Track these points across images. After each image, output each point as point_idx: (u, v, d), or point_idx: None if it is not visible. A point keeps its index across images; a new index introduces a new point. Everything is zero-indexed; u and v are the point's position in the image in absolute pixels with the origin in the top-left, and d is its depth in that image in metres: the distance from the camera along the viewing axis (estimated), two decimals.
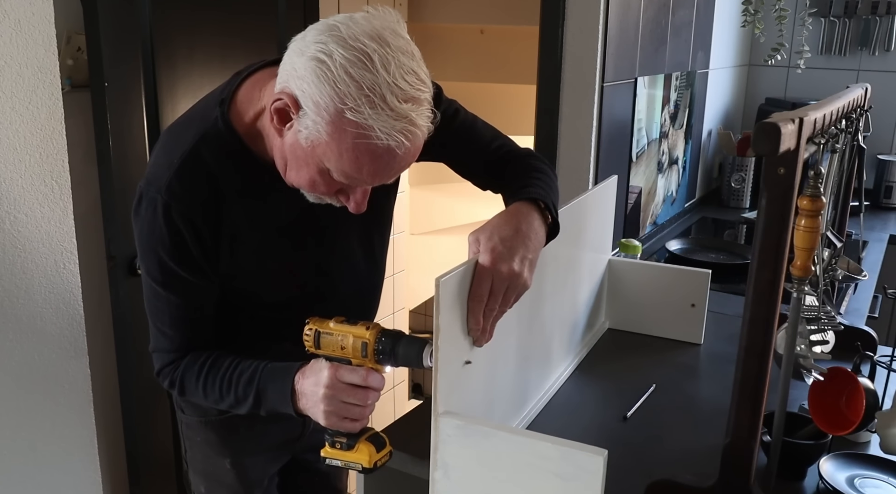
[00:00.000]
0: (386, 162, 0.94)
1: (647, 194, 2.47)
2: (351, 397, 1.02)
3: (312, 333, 1.05)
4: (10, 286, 1.20)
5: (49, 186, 1.24)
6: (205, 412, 1.26)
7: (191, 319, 1.12)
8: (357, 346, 1.03)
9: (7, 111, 1.15)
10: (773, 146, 0.86)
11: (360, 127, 0.90)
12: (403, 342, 1.01)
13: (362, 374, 1.01)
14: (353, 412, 1.03)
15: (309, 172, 0.99)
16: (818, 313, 1.17)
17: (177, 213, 1.03)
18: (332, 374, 1.01)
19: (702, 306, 1.63)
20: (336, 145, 0.93)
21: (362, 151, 0.93)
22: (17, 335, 1.22)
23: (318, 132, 0.93)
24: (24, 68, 1.17)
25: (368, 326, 1.03)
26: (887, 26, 3.08)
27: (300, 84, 0.92)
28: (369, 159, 0.94)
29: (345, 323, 1.04)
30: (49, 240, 1.25)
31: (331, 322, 1.05)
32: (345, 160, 0.94)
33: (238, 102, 1.07)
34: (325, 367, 1.02)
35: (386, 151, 0.93)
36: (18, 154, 1.18)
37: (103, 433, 1.41)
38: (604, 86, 2.01)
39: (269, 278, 1.15)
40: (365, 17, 0.94)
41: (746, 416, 0.99)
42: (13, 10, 1.14)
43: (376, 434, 1.09)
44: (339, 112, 0.90)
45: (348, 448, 1.07)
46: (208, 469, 1.31)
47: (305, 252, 1.17)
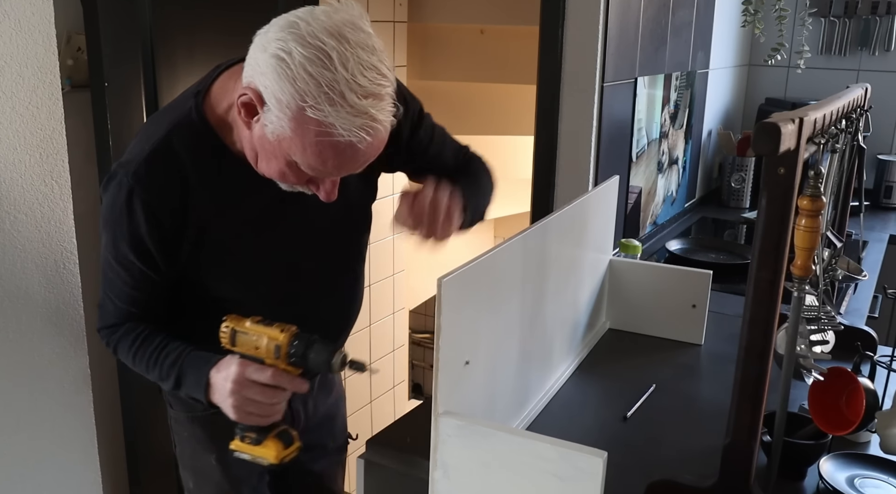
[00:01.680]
0: (349, 156, 0.97)
1: (647, 193, 2.47)
2: (258, 395, 1.04)
3: (228, 331, 1.07)
4: (10, 286, 1.20)
5: (49, 186, 1.24)
6: (192, 407, 1.28)
7: (137, 298, 1.15)
8: (270, 347, 1.04)
9: (7, 111, 1.15)
10: (773, 146, 0.86)
11: (321, 124, 0.93)
12: (315, 347, 1.03)
13: (269, 374, 1.04)
14: (258, 409, 1.05)
15: (278, 164, 1.01)
16: (818, 313, 1.17)
17: (138, 199, 1.05)
18: (240, 371, 1.04)
19: (703, 306, 1.63)
20: (300, 140, 0.95)
21: (325, 147, 0.95)
22: (17, 335, 1.22)
23: (281, 127, 0.95)
24: (24, 68, 1.16)
25: (284, 329, 1.04)
26: (887, 26, 3.08)
27: (263, 80, 0.95)
28: (333, 154, 0.96)
29: (261, 324, 1.06)
30: (49, 240, 1.25)
31: (247, 322, 1.07)
32: (309, 154, 0.96)
33: (213, 93, 1.10)
34: (235, 363, 1.05)
35: (348, 147, 0.95)
36: (18, 154, 1.18)
37: (103, 433, 1.42)
38: (604, 86, 2.01)
39: (239, 272, 1.16)
40: (326, 11, 0.95)
41: (746, 416, 0.99)
42: (13, 10, 1.14)
43: (286, 430, 1.11)
44: (300, 109, 0.93)
45: (256, 442, 1.09)
46: (196, 464, 1.32)
47: (276, 246, 1.18)
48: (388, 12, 2.80)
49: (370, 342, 2.91)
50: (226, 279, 1.16)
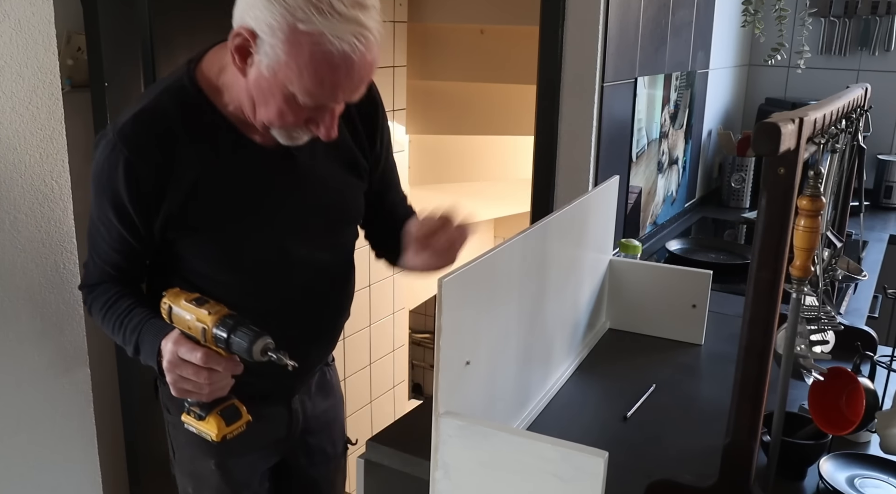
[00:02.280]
0: (345, 71, 0.99)
1: (647, 193, 2.47)
2: (191, 374, 1.03)
3: (166, 307, 1.06)
4: (10, 286, 1.20)
5: (49, 186, 1.24)
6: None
7: (115, 260, 1.16)
8: (198, 329, 1.03)
9: (7, 111, 1.15)
10: (773, 146, 0.86)
11: (313, 37, 0.96)
12: (238, 332, 1.01)
13: (199, 355, 1.02)
14: (194, 387, 1.04)
15: (276, 103, 1.03)
16: (818, 313, 1.17)
17: (122, 156, 1.06)
18: (174, 350, 1.04)
19: (703, 306, 1.63)
20: (295, 62, 0.98)
21: (320, 62, 0.97)
22: (17, 335, 1.22)
23: (276, 55, 0.98)
24: (24, 68, 1.16)
25: (213, 311, 1.02)
26: (887, 26, 3.08)
27: (253, 13, 0.98)
28: (328, 70, 0.98)
29: (194, 302, 1.04)
30: (49, 240, 1.25)
31: (183, 299, 1.05)
32: (306, 77, 0.99)
33: (205, 62, 1.13)
34: (171, 340, 1.04)
35: (342, 59, 0.98)
36: (18, 154, 1.18)
37: (103, 433, 1.41)
38: (604, 86, 2.01)
39: (227, 242, 1.15)
40: None
41: (746, 416, 0.99)
42: (13, 10, 1.14)
43: (233, 405, 1.08)
44: (291, 27, 0.96)
45: (199, 418, 1.08)
46: (195, 469, 1.31)
47: (266, 216, 1.17)
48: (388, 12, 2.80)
49: (370, 341, 2.91)
50: (212, 251, 1.15)
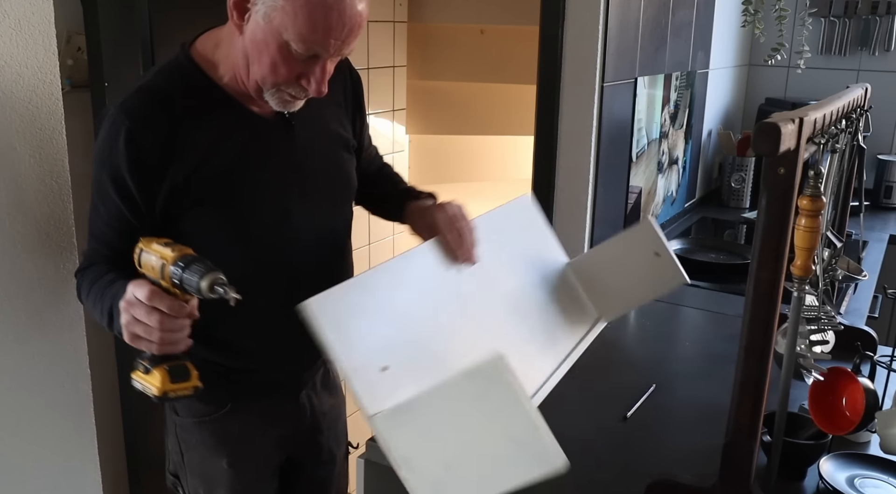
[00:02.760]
0: (337, 13, 1.04)
1: (647, 193, 2.47)
2: (141, 315, 1.01)
3: (138, 251, 1.05)
4: (10, 286, 1.20)
5: (49, 186, 1.23)
6: (198, 412, 1.27)
7: (112, 239, 1.15)
8: (157, 267, 1.01)
9: (7, 111, 1.15)
10: (773, 146, 0.86)
11: None
12: (192, 268, 0.99)
13: (146, 291, 1.00)
14: (144, 332, 1.02)
15: (269, 55, 1.07)
16: (818, 313, 1.17)
17: (124, 129, 1.09)
18: (130, 288, 1.02)
19: (665, 250, 1.58)
20: (291, 5, 1.03)
21: (315, 4, 1.03)
22: (16, 335, 1.22)
23: (273, 1, 1.03)
24: (24, 68, 1.16)
25: (176, 249, 1.01)
26: (887, 26, 3.08)
27: None
28: (321, 11, 1.03)
29: (164, 245, 1.02)
30: (49, 240, 1.25)
31: (154, 243, 1.03)
32: (300, 19, 1.03)
33: (199, 42, 1.19)
34: (133, 283, 1.02)
35: (336, 0, 1.03)
36: (18, 154, 1.18)
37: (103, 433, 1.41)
38: (604, 86, 2.01)
39: (234, 206, 1.16)
40: None
41: (746, 416, 0.99)
42: (13, 10, 1.13)
43: (183, 365, 1.06)
44: None
45: (146, 371, 1.05)
46: (206, 470, 1.30)
47: (266, 187, 1.19)
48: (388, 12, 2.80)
49: None
50: (217, 224, 1.16)
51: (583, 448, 1.26)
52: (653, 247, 1.56)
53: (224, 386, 1.25)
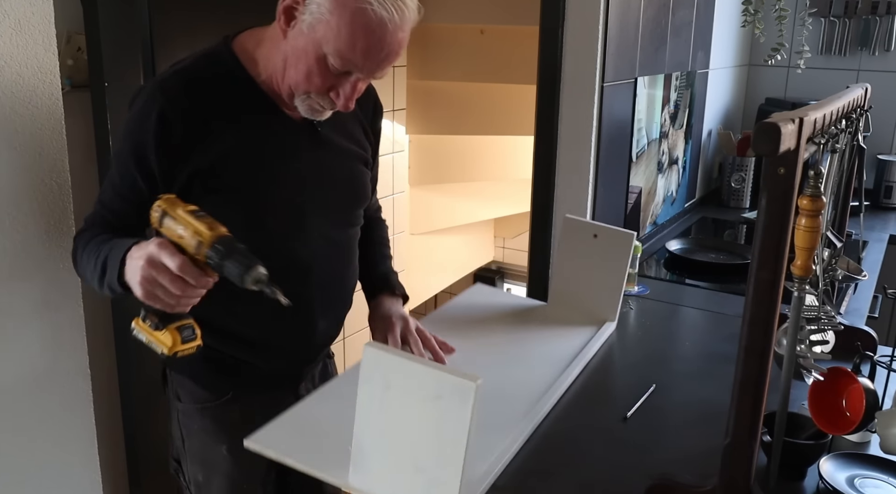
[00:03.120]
0: (378, 37, 1.08)
1: (647, 193, 2.47)
2: (165, 280, 1.01)
3: (159, 212, 1.04)
4: (10, 286, 1.20)
5: (49, 186, 1.24)
6: (200, 398, 1.30)
7: (116, 207, 1.18)
8: (192, 242, 1.00)
9: (7, 111, 1.15)
10: (773, 146, 0.86)
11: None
12: (235, 257, 0.99)
13: (178, 262, 1.00)
14: (164, 295, 1.02)
15: (306, 63, 1.11)
16: (818, 313, 1.17)
17: (158, 105, 1.12)
18: (156, 250, 1.01)
19: (598, 228, 1.65)
20: (336, 20, 1.07)
21: (358, 24, 1.07)
22: (16, 335, 1.22)
23: (320, 13, 1.07)
24: (24, 68, 1.16)
25: (213, 227, 1.01)
26: (887, 26, 3.08)
27: None
28: (363, 33, 1.07)
29: (193, 215, 1.02)
30: (49, 240, 1.25)
31: (180, 208, 1.03)
32: (342, 36, 1.07)
33: (242, 37, 1.22)
34: (154, 242, 1.02)
35: (379, 24, 1.07)
36: (18, 154, 1.18)
37: (103, 433, 1.41)
38: (604, 86, 2.01)
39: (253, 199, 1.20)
40: None
41: (746, 416, 0.99)
42: (13, 10, 1.13)
43: (190, 325, 1.07)
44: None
45: (156, 328, 1.06)
46: (206, 456, 1.33)
47: (286, 185, 1.22)
48: None
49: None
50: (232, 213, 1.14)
51: (583, 448, 1.26)
52: (588, 233, 1.62)
53: (226, 375, 1.29)
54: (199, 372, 1.30)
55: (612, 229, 1.66)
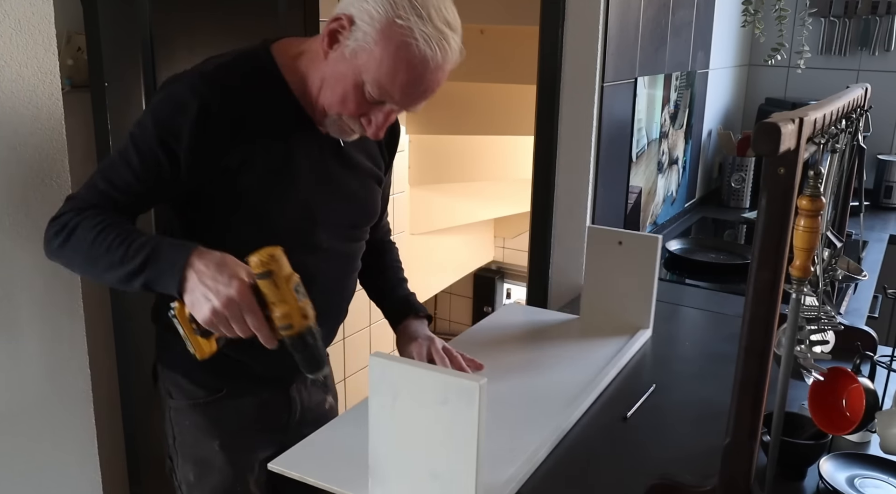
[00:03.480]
0: (418, 73, 1.09)
1: (647, 193, 2.47)
2: (236, 326, 1.01)
3: (264, 268, 1.01)
4: (10, 286, 1.20)
5: (49, 186, 1.24)
6: (193, 394, 1.30)
7: (134, 190, 1.13)
8: (280, 318, 1.01)
9: (7, 111, 1.15)
10: (773, 146, 0.86)
11: (404, 31, 1.06)
12: (309, 352, 1.02)
13: (257, 324, 1.01)
14: (226, 330, 1.02)
15: (343, 87, 1.12)
16: (818, 313, 1.17)
17: (200, 98, 1.10)
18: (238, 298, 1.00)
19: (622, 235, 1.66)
20: (380, 51, 1.08)
21: (401, 58, 1.08)
22: (16, 334, 1.22)
23: (365, 41, 1.08)
24: (24, 68, 1.16)
25: (305, 315, 1.02)
26: (887, 26, 3.08)
27: (359, 4, 1.09)
28: (405, 67, 1.08)
29: (295, 292, 1.02)
30: None
31: (284, 275, 1.01)
32: (384, 66, 1.08)
33: (283, 43, 1.21)
34: (237, 287, 1.00)
35: (421, 60, 1.08)
36: (18, 154, 1.18)
37: (103, 433, 1.41)
38: (604, 86, 2.01)
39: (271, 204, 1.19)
40: None
41: (746, 416, 0.99)
42: (13, 10, 1.13)
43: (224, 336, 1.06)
44: (390, 20, 1.07)
45: (201, 334, 1.05)
46: (198, 453, 1.33)
47: (309, 191, 1.23)
48: None
49: (370, 342, 2.91)
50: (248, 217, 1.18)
51: (583, 447, 1.26)
52: (613, 241, 1.61)
53: (220, 373, 1.29)
54: (192, 370, 1.29)
55: (637, 235, 1.67)
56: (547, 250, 2.14)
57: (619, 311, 1.69)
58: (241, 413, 1.32)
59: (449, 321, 4.03)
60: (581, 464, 1.21)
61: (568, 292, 2.12)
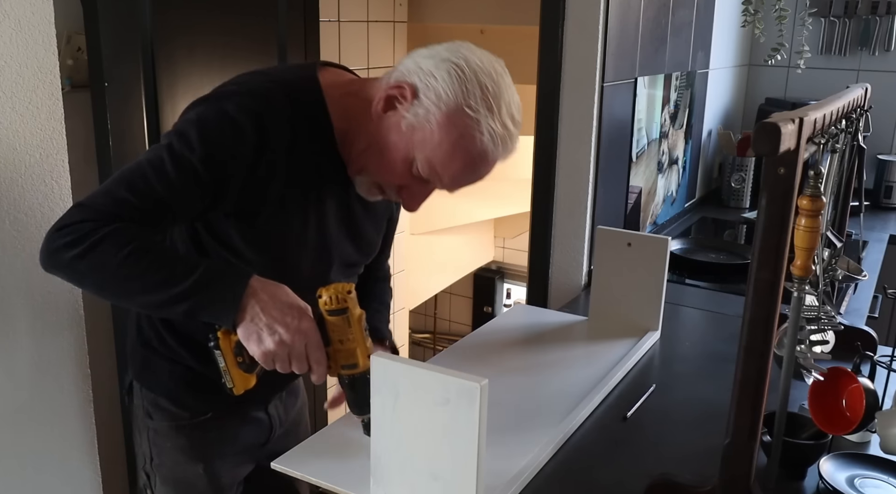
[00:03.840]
0: (474, 166, 1.06)
1: (647, 193, 2.47)
2: (295, 364, 1.00)
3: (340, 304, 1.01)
4: (10, 286, 1.20)
5: (49, 186, 1.23)
6: (175, 416, 1.25)
7: (160, 205, 1.02)
8: (344, 354, 1.03)
9: (7, 111, 1.15)
10: (773, 146, 0.86)
11: (471, 123, 1.02)
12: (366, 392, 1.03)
13: (319, 358, 1.02)
14: (282, 367, 1.01)
15: (391, 158, 1.07)
16: (818, 313, 1.17)
17: (258, 120, 1.03)
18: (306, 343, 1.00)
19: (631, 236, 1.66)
20: (440, 135, 1.03)
21: (461, 147, 1.03)
22: (16, 334, 1.22)
23: (427, 121, 1.03)
24: (24, 68, 1.16)
25: (370, 354, 1.03)
26: (887, 26, 3.08)
27: (426, 79, 1.04)
28: (461, 157, 1.04)
29: (365, 332, 1.04)
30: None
31: (357, 316, 1.02)
32: (440, 151, 1.04)
33: (330, 75, 1.14)
34: (308, 329, 1.00)
35: (480, 153, 1.04)
36: (18, 154, 1.18)
37: (103, 433, 1.41)
38: (604, 86, 2.01)
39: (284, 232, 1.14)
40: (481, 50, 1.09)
41: (746, 416, 0.99)
42: (13, 10, 1.13)
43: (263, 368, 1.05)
44: (458, 107, 1.02)
45: (246, 369, 1.03)
46: (179, 475, 1.29)
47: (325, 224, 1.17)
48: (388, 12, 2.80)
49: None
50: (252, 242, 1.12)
51: (583, 447, 1.26)
52: (622, 242, 1.61)
53: (205, 395, 1.25)
54: (176, 392, 1.25)
55: (646, 236, 1.66)
56: (547, 250, 2.14)
57: (628, 312, 1.68)
58: (225, 435, 1.29)
59: (449, 321, 4.02)
60: (581, 464, 1.21)
61: (568, 292, 2.12)
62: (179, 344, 1.22)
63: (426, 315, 3.98)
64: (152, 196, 1.01)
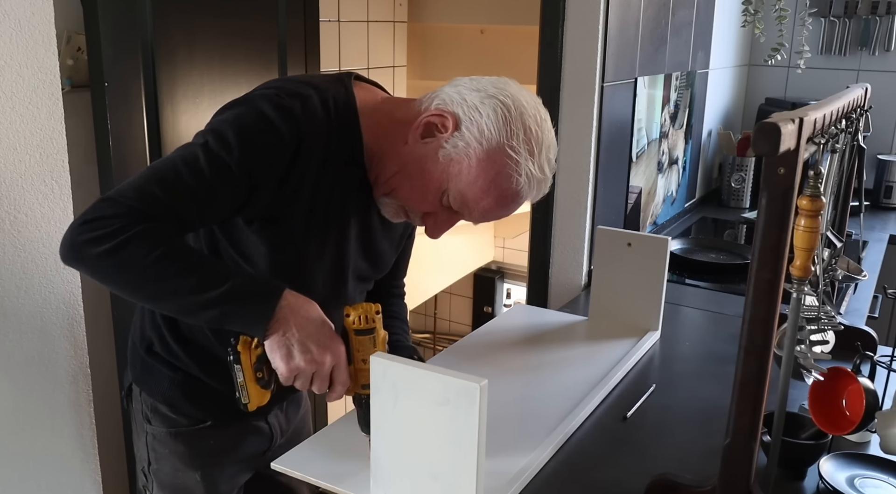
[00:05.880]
0: (505, 205, 1.06)
1: (647, 193, 2.47)
2: (340, 375, 1.02)
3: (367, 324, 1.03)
4: (10, 286, 1.20)
5: (49, 186, 1.24)
6: (174, 422, 1.25)
7: (194, 205, 1.00)
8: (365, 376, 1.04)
9: (7, 111, 1.15)
10: (773, 146, 0.86)
11: (510, 163, 1.02)
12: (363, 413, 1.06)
13: (344, 378, 1.03)
14: (302, 384, 1.01)
15: (423, 186, 1.06)
16: (818, 313, 1.17)
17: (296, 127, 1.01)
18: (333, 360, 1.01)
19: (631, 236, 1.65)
20: (477, 171, 1.03)
21: (496, 186, 1.03)
22: (16, 334, 1.22)
23: (466, 154, 1.03)
24: (24, 68, 1.16)
25: None
26: (887, 26, 3.08)
27: (470, 112, 1.03)
28: (495, 194, 1.04)
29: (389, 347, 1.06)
30: (49, 240, 1.25)
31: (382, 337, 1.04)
32: (475, 187, 1.04)
33: (364, 92, 1.12)
34: (334, 351, 1.01)
35: (514, 192, 1.04)
36: (18, 154, 1.18)
37: (103, 432, 1.41)
38: (604, 86, 2.01)
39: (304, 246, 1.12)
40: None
41: (746, 416, 0.99)
42: (13, 10, 1.13)
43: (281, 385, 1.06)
44: (500, 146, 1.02)
45: (264, 385, 1.02)
46: (176, 482, 1.28)
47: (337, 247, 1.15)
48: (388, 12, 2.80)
49: None
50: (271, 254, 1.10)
51: (583, 448, 1.26)
52: (622, 242, 1.61)
53: (205, 404, 1.24)
54: (176, 399, 1.24)
55: (646, 236, 1.66)
56: (547, 250, 2.14)
57: (628, 313, 1.68)
58: (224, 444, 1.27)
59: (449, 321, 4.02)
60: (581, 464, 1.21)
61: (568, 292, 2.12)
62: (182, 350, 1.21)
63: (426, 315, 3.98)
64: (184, 195, 0.98)
